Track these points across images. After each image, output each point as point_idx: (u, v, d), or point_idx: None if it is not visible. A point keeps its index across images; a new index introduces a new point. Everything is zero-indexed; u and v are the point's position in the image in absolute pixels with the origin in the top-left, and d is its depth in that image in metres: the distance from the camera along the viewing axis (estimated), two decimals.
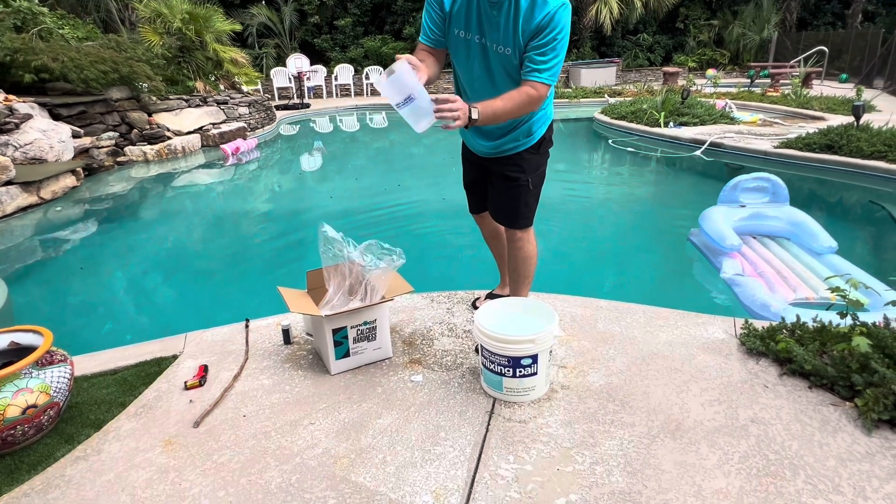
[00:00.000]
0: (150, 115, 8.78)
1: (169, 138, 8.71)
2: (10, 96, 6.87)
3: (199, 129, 9.33)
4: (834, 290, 2.33)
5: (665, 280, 4.06)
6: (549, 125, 2.30)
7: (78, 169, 6.81)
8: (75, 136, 7.29)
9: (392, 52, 16.87)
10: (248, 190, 7.28)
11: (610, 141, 9.14)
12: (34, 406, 1.85)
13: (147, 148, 8.27)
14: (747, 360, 2.26)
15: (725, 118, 9.32)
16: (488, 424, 1.94)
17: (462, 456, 1.79)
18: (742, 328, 2.44)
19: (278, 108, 13.73)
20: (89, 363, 2.43)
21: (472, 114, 1.84)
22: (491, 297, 2.83)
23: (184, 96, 9.50)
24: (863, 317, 2.37)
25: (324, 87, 16.38)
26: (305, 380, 2.25)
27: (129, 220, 5.82)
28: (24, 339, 2.05)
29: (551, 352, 2.06)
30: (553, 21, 1.87)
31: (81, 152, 7.27)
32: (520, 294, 2.48)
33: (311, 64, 15.83)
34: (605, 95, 14.03)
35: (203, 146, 9.25)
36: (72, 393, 2.05)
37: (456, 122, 1.79)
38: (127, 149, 8.13)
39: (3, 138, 6.08)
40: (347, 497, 1.64)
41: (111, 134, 8.00)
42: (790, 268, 3.70)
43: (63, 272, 4.49)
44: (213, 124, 9.68)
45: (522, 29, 1.91)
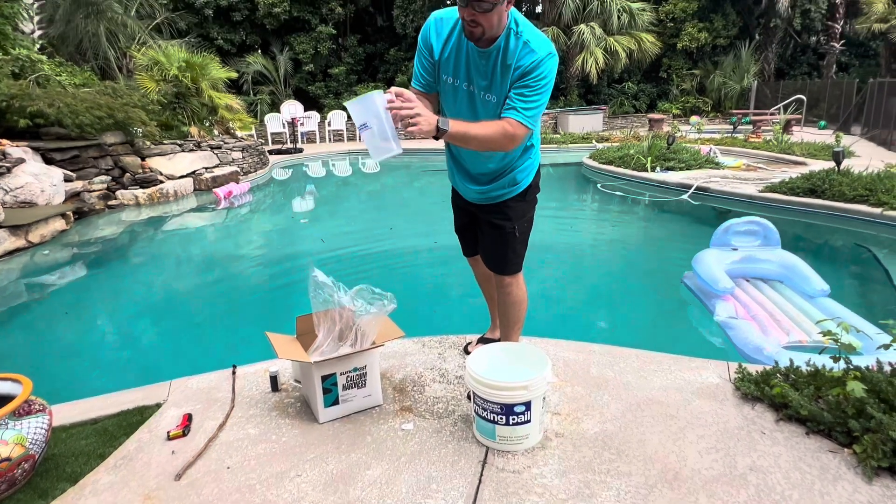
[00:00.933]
0: (143, 159, 8.84)
1: (161, 182, 8.75)
2: (4, 141, 6.91)
3: (192, 174, 9.39)
4: (826, 333, 2.33)
5: (658, 323, 4.05)
6: (536, 172, 2.33)
7: (68, 212, 6.79)
8: (67, 179, 7.31)
9: None
10: (238, 233, 7.27)
11: (599, 185, 9.29)
12: (8, 459, 1.77)
13: (139, 192, 8.28)
14: (743, 405, 2.23)
15: (710, 163, 9.53)
16: (481, 475, 1.88)
17: None
18: (736, 372, 2.42)
19: (271, 152, 13.89)
20: (69, 412, 2.35)
21: (441, 123, 1.84)
22: (482, 341, 2.80)
23: (178, 141, 9.61)
24: (856, 360, 2.36)
25: (317, 133, 16.65)
26: (293, 429, 2.19)
27: (116, 264, 5.76)
28: (2, 387, 1.99)
29: (544, 398, 2.03)
30: (539, 68, 1.91)
31: (73, 196, 7.27)
32: (510, 339, 2.46)
33: (305, 110, 16.14)
34: (593, 141, 14.36)
35: (195, 190, 9.29)
36: (49, 444, 1.98)
37: (416, 125, 1.77)
38: (119, 192, 8.14)
39: None
40: None
41: (104, 178, 8.03)
42: (783, 311, 3.71)
43: (47, 317, 4.41)
44: (206, 168, 9.76)
45: (509, 75, 1.95)
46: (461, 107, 2.12)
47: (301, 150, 14.48)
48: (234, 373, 2.63)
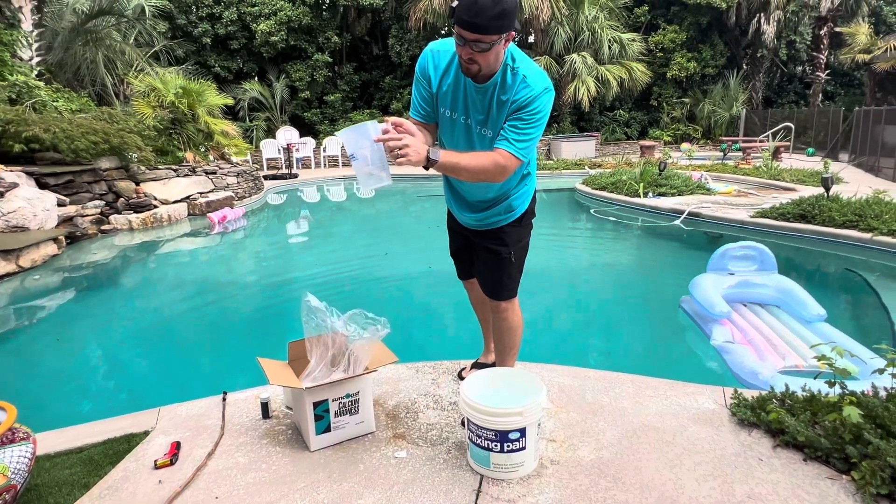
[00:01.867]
0: (137, 184, 8.84)
1: (155, 207, 8.74)
2: None
3: (187, 198, 9.39)
4: (821, 358, 2.33)
5: (653, 348, 4.03)
6: (532, 199, 2.34)
7: (60, 237, 6.76)
8: (60, 204, 7.28)
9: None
10: (232, 258, 7.24)
11: (592, 210, 9.36)
12: None
13: (132, 216, 8.26)
14: (739, 431, 2.21)
15: (702, 189, 9.64)
16: None
17: None
18: (732, 398, 2.41)
19: (267, 177, 13.94)
20: (55, 440, 2.30)
21: (431, 154, 1.83)
22: (477, 366, 2.78)
23: (173, 166, 9.63)
24: (851, 385, 2.35)
25: (312, 159, 16.75)
26: (283, 457, 2.14)
27: (107, 289, 5.71)
28: None
29: (540, 424, 2.00)
30: (534, 102, 1.93)
31: (65, 220, 7.24)
32: (506, 364, 2.44)
33: (301, 136, 16.27)
34: (586, 167, 14.52)
35: (189, 215, 9.28)
36: (32, 474, 1.92)
37: (405, 156, 1.75)
38: (112, 217, 8.12)
39: None
40: None
41: (97, 203, 8.01)
42: (779, 335, 3.71)
43: (35, 342, 4.34)
44: (201, 193, 9.76)
45: (506, 109, 1.96)
46: (458, 139, 2.14)
47: (296, 176, 14.54)
48: (224, 399, 2.59)
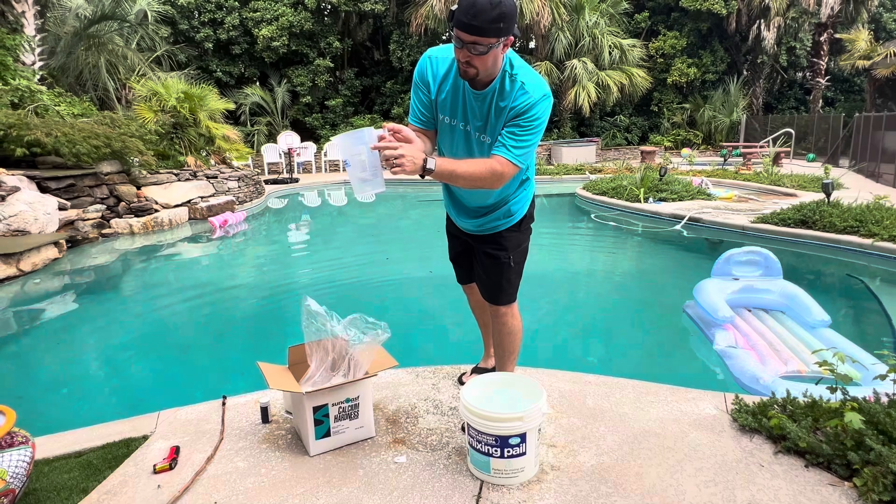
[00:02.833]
0: (139, 188, 8.86)
1: (156, 211, 8.75)
2: (0, 169, 6.93)
3: (188, 203, 9.41)
4: (822, 363, 2.32)
5: (654, 352, 4.03)
6: (531, 203, 2.34)
7: (61, 241, 6.76)
8: (62, 208, 7.29)
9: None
10: (232, 262, 7.24)
11: (592, 215, 9.37)
12: None
13: (133, 220, 8.27)
14: (740, 437, 2.20)
15: (702, 194, 9.65)
16: None
17: None
18: (733, 403, 2.40)
19: (268, 182, 13.97)
20: (53, 444, 2.29)
21: (428, 163, 1.82)
22: (477, 370, 2.77)
23: (174, 170, 9.65)
24: (853, 391, 2.34)
25: (313, 163, 16.79)
26: (283, 462, 2.14)
27: (107, 293, 5.71)
28: None
29: (540, 430, 1.99)
30: (532, 109, 1.93)
31: (66, 224, 7.25)
32: (506, 369, 2.43)
33: (302, 141, 16.31)
34: (586, 172, 14.54)
35: (190, 219, 9.30)
36: (30, 478, 1.92)
37: (400, 166, 1.74)
38: (113, 221, 8.13)
39: None
40: None
41: (98, 206, 8.02)
42: (783, 341, 3.70)
43: (35, 346, 4.34)
44: (202, 197, 9.78)
45: (504, 116, 1.97)
46: (458, 145, 2.14)
47: (297, 180, 14.57)
48: (223, 403, 2.58)
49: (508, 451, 1.91)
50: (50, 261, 6.43)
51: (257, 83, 18.70)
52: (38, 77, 10.95)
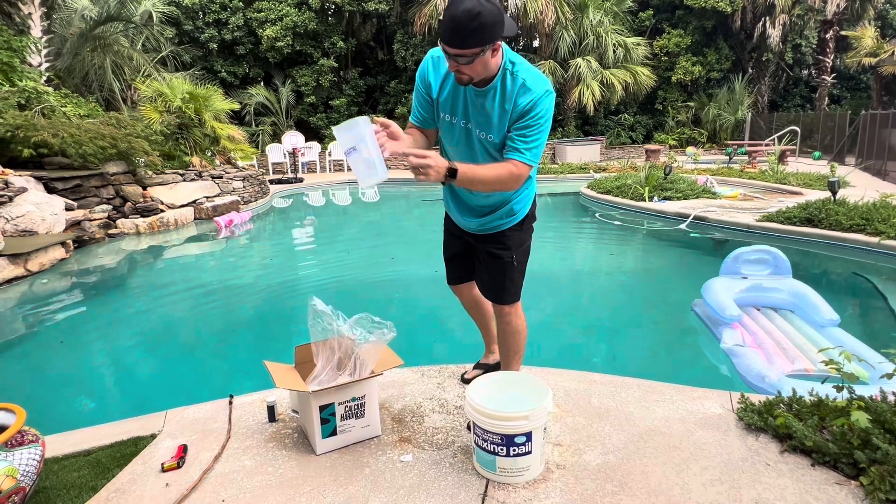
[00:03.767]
0: (144, 188, 8.90)
1: (162, 211, 8.79)
2: (7, 170, 6.98)
3: (193, 203, 9.44)
4: (829, 362, 2.31)
5: (660, 351, 4.02)
6: (533, 202, 2.35)
7: (68, 241, 6.81)
8: (68, 208, 7.34)
9: None
10: (238, 262, 7.27)
11: (597, 214, 9.35)
12: None
13: (139, 220, 8.32)
14: (746, 436, 2.20)
15: (707, 193, 9.62)
16: None
17: None
18: (739, 402, 2.40)
19: (272, 182, 14.00)
20: (63, 443, 2.32)
21: (450, 173, 1.84)
22: (478, 366, 2.78)
23: (180, 170, 9.69)
24: (859, 390, 2.34)
25: (318, 163, 16.81)
26: (290, 460, 2.15)
27: (114, 293, 5.74)
28: None
29: (545, 429, 2.00)
30: (536, 107, 1.94)
31: (73, 224, 7.29)
32: (511, 368, 2.44)
33: (306, 140, 16.33)
34: (591, 171, 14.51)
35: (196, 219, 9.33)
36: (40, 476, 1.94)
37: (428, 176, 1.78)
38: (119, 221, 8.17)
39: None
40: None
41: (104, 207, 8.07)
42: (791, 339, 3.69)
43: (43, 346, 4.37)
44: (207, 198, 9.82)
45: (508, 114, 1.98)
46: (459, 144, 2.15)
47: (302, 180, 14.60)
48: (230, 402, 2.60)
49: (514, 450, 1.91)
50: (57, 261, 6.48)
51: (262, 83, 18.73)
52: (44, 78, 11.00)
